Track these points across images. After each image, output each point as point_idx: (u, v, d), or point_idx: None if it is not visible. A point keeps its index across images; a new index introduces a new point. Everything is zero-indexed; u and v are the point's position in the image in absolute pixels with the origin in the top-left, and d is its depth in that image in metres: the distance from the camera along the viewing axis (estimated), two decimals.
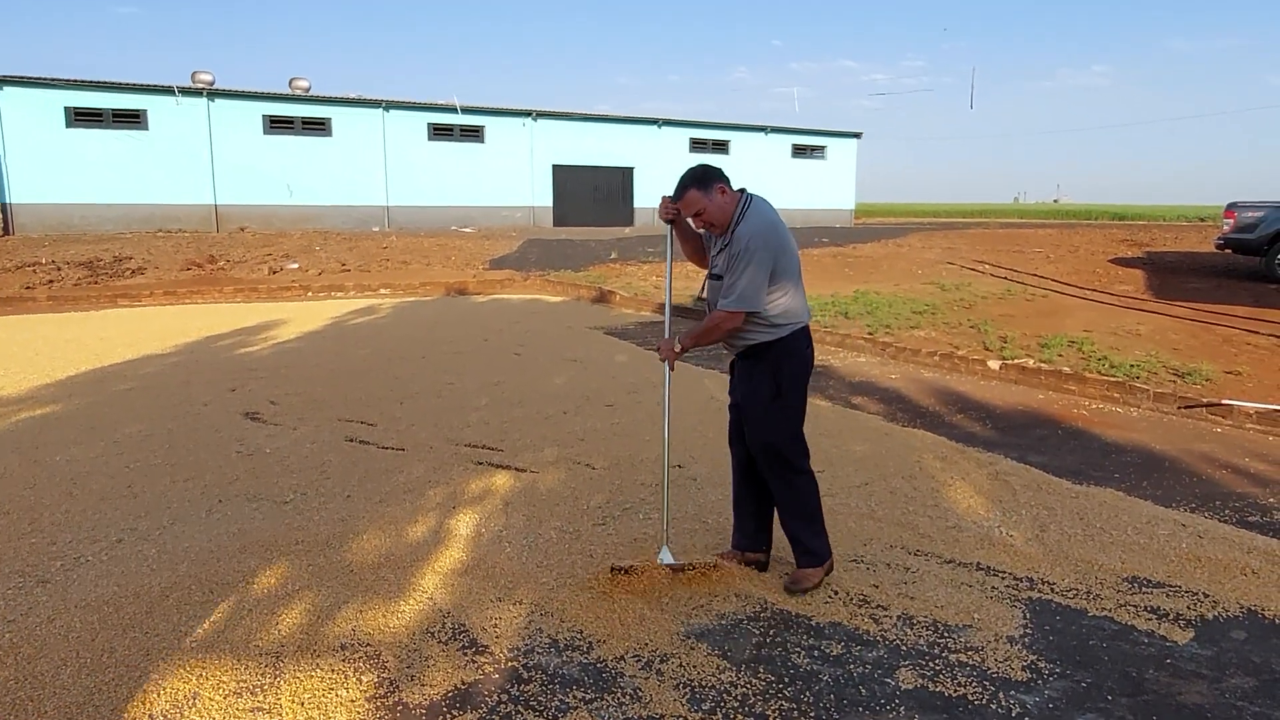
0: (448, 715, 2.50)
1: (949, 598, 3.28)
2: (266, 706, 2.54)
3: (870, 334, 8.93)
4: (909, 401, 6.56)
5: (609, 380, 7.20)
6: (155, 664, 2.75)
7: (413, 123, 26.66)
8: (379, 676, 2.70)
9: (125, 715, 2.49)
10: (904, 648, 2.92)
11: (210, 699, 2.57)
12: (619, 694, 2.62)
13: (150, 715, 2.49)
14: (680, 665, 2.79)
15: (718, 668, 2.78)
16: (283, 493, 4.39)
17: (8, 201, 21.60)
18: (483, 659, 2.81)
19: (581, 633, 2.99)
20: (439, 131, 27.23)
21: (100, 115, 22.62)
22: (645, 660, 2.82)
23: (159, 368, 7.70)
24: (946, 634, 3.00)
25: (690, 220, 3.32)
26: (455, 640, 2.93)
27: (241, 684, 2.65)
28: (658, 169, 31.20)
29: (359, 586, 3.32)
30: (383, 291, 14.26)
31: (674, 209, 3.33)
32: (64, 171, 21.95)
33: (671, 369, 3.46)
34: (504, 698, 2.59)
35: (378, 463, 4.90)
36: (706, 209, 3.20)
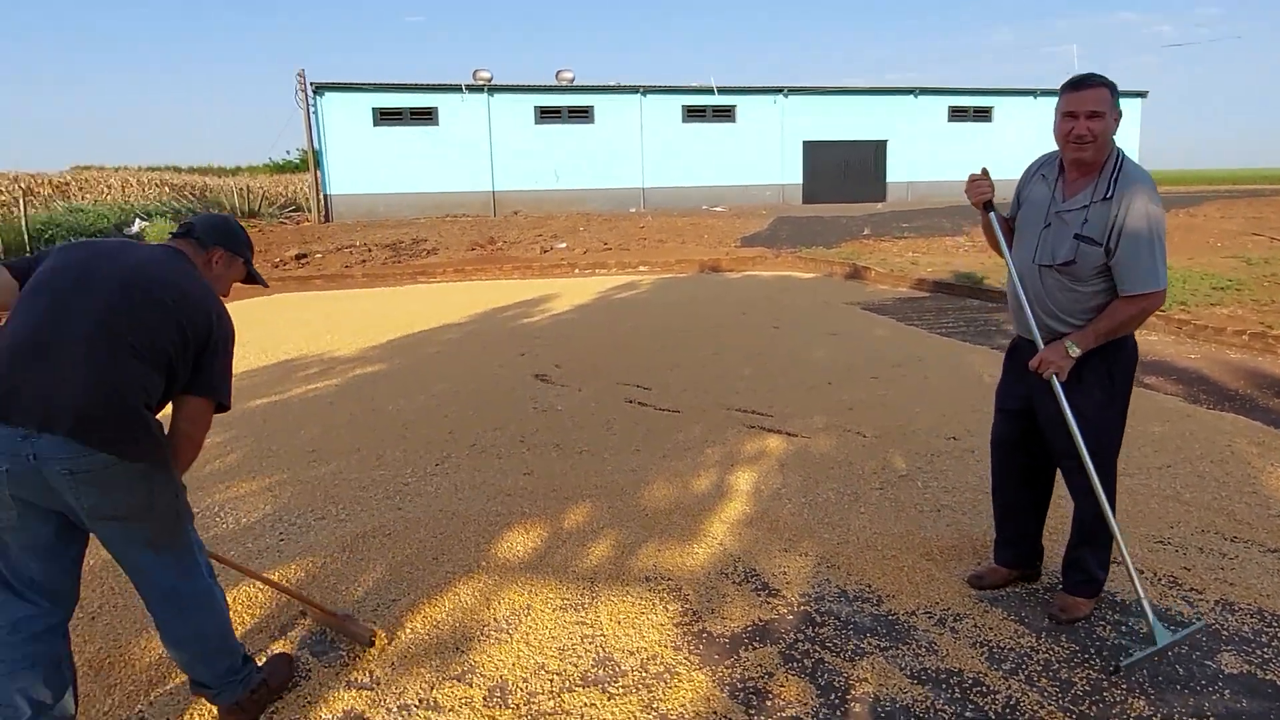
0: (749, 646, 2.70)
1: (1277, 587, 2.97)
2: (589, 621, 2.87)
3: (1163, 310, 8.05)
4: (1213, 383, 5.89)
5: (871, 354, 7.12)
6: (490, 575, 3.19)
7: (668, 106, 27.50)
8: (683, 607, 2.95)
9: (476, 617, 2.93)
10: (1225, 633, 2.70)
11: (541, 611, 2.95)
12: (914, 645, 2.68)
13: (495, 619, 2.91)
14: (975, 625, 2.78)
15: (1015, 631, 2.74)
16: (577, 444, 4.84)
17: (328, 193, 25.12)
18: (776, 601, 2.98)
19: (870, 586, 3.06)
20: (692, 113, 27.86)
21: (400, 114, 25.59)
22: (938, 617, 2.84)
23: (458, 335, 8.68)
24: (1276, 623, 2.74)
25: (1078, 123, 2.55)
26: (748, 582, 3.12)
27: (566, 601, 3.01)
28: (913, 141, 29.79)
29: (654, 529, 3.62)
30: (641, 269, 14.95)
31: (988, 188, 2.80)
32: (371, 165, 25.12)
33: (1063, 379, 2.64)
34: (800, 637, 2.74)
35: (657, 422, 5.24)
36: (1107, 124, 2.55)
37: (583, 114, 26.93)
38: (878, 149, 30.07)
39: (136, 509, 2.04)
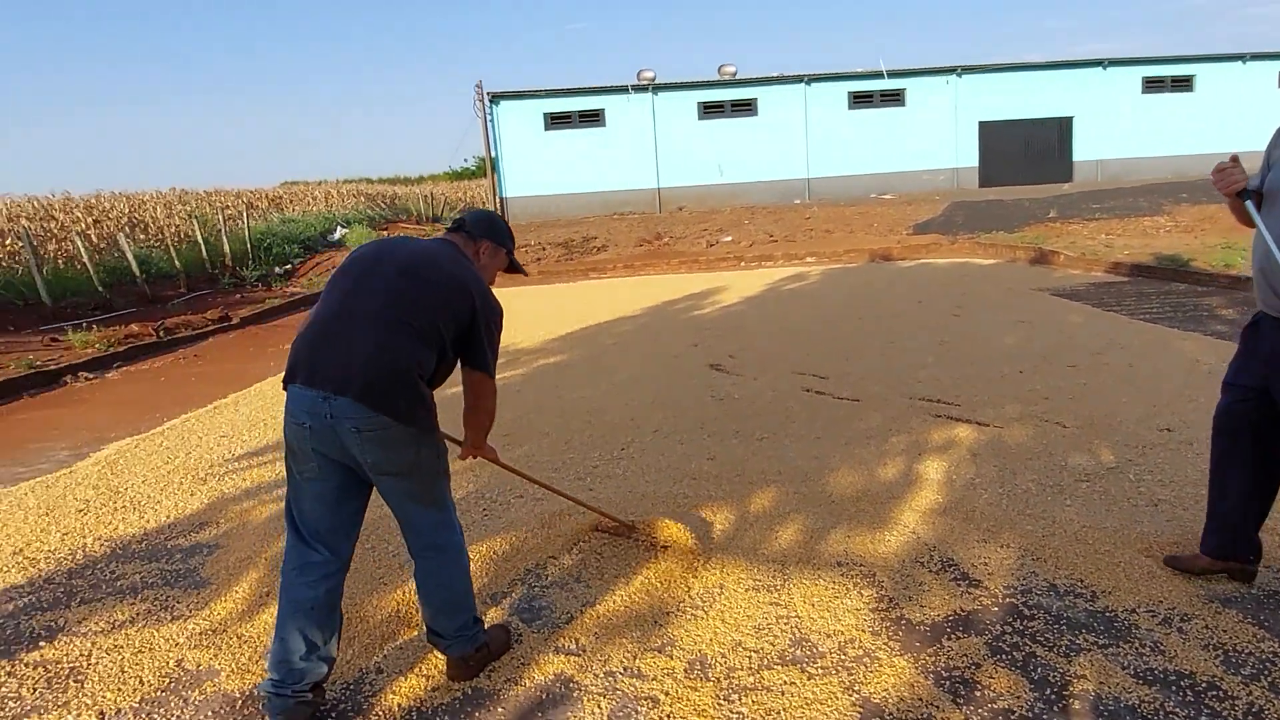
0: (951, 635, 2.62)
1: None
2: (781, 603, 2.88)
3: None
4: None
5: (1066, 341, 6.67)
6: (682, 555, 3.26)
7: (833, 93, 26.82)
8: (878, 593, 2.90)
9: (671, 594, 3.01)
10: None
11: (734, 591, 2.99)
12: (1136, 644, 2.50)
13: (689, 596, 2.98)
14: (1206, 627, 2.57)
15: (1254, 635, 2.51)
16: (756, 431, 4.84)
17: (504, 196, 26.35)
18: (978, 592, 2.87)
19: (1082, 581, 2.89)
20: (858, 99, 27.03)
21: (569, 117, 26.44)
22: (1162, 616, 2.64)
23: (632, 327, 8.89)
24: None
25: None
26: (946, 572, 3.03)
27: (757, 582, 3.04)
28: (1102, 116, 27.45)
29: (842, 515, 3.57)
30: (809, 260, 14.70)
31: (1240, 175, 2.54)
32: (543, 168, 26.11)
33: None
34: (1007, 630, 2.63)
35: (836, 411, 5.16)
36: None
37: (745, 107, 26.75)
38: (1062, 126, 27.95)
39: (406, 466, 2.33)
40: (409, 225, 26.33)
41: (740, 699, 2.36)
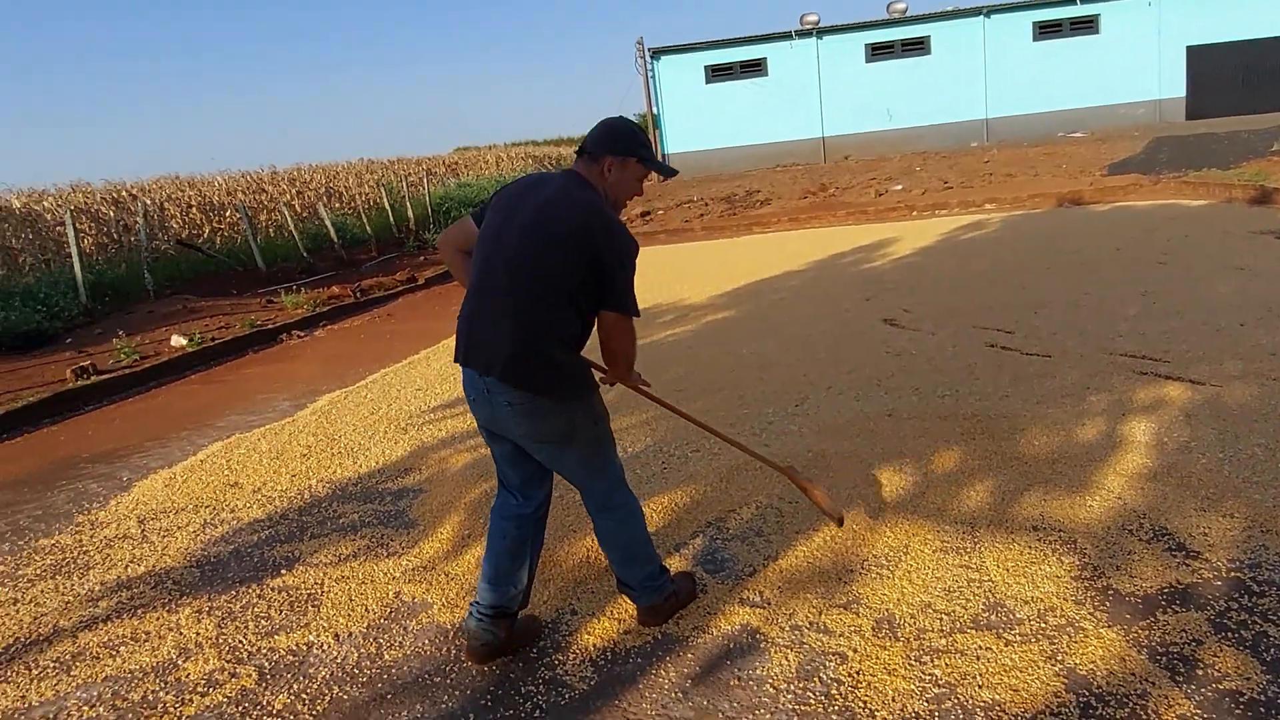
0: (1167, 609, 2.45)
1: None
2: (973, 565, 2.80)
3: None
4: None
5: None
6: (863, 512, 3.22)
7: (1016, 25, 24.80)
8: (1080, 560, 2.75)
9: (855, 552, 2.99)
10: None
11: (920, 551, 2.93)
12: None
13: (875, 555, 2.95)
14: None
15: None
16: (937, 388, 4.67)
17: (666, 152, 26.40)
18: (1196, 564, 2.66)
19: None
20: (1045, 29, 24.85)
21: (730, 69, 25.99)
22: None
23: (800, 281, 8.73)
24: None
25: None
26: (1158, 541, 2.82)
27: (945, 544, 2.96)
28: None
29: (1036, 477, 3.40)
30: (988, 206, 13.82)
31: None
32: (704, 121, 25.89)
33: None
34: (1233, 605, 2.43)
35: (1024, 367, 4.88)
36: None
37: (918, 46, 25.25)
38: None
39: (560, 435, 2.39)
40: None
41: (932, 661, 2.33)
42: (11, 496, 4.64)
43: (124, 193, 15.13)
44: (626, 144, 2.41)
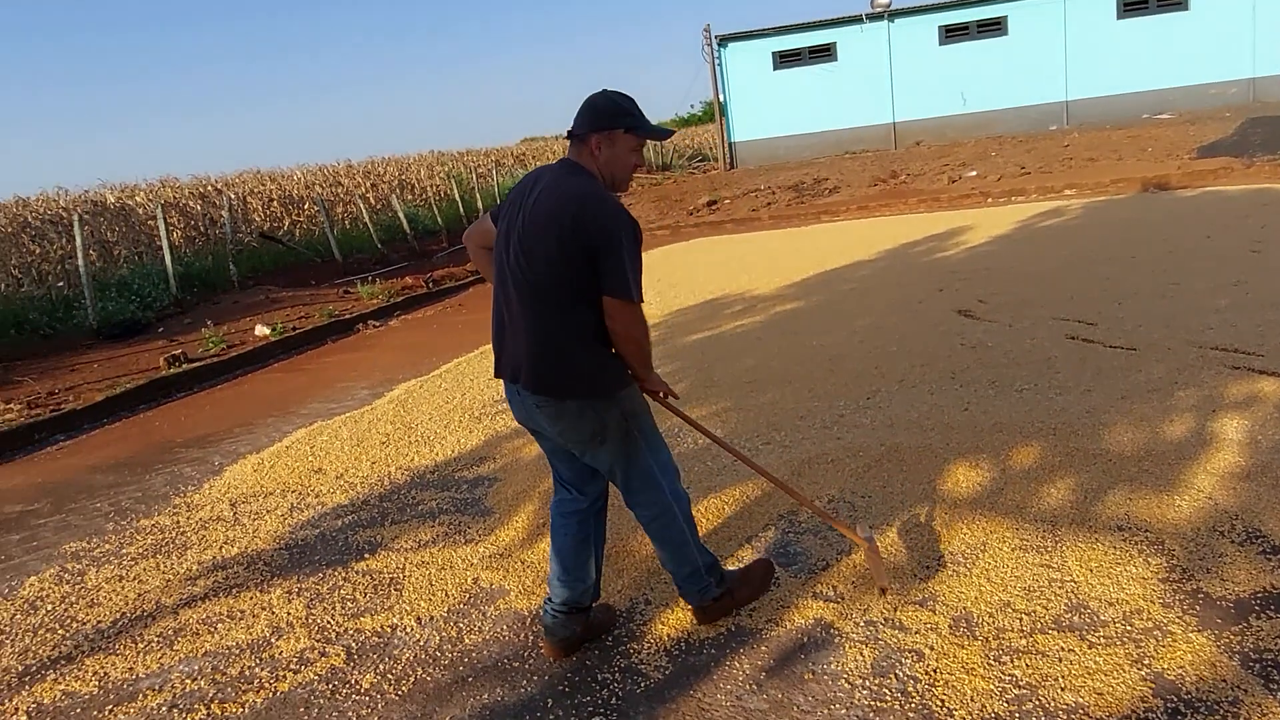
0: (1261, 615, 2.37)
1: None
2: (1054, 565, 2.74)
3: None
4: None
5: None
6: (938, 508, 3.19)
7: (1099, 3, 23.80)
8: (1168, 562, 2.67)
9: (931, 549, 2.96)
10: None
11: (998, 549, 2.88)
12: None
13: (951, 553, 2.91)
14: None
15: None
16: (1014, 381, 4.56)
17: (732, 140, 26.21)
18: None
19: None
20: (1130, 7, 23.80)
21: (798, 55, 25.62)
22: None
23: (870, 271, 8.60)
24: None
25: None
26: (1251, 544, 2.72)
27: (1024, 542, 2.90)
28: None
29: (1120, 475, 3.30)
30: (1068, 192, 13.37)
31: None
32: (771, 109, 25.60)
33: None
34: None
35: (1108, 361, 4.73)
36: None
37: (994, 26, 24.47)
38: None
39: (589, 435, 2.38)
40: (639, 173, 26.96)
41: (1012, 661, 2.30)
42: (114, 479, 4.91)
43: (209, 187, 15.78)
44: (609, 117, 2.31)
